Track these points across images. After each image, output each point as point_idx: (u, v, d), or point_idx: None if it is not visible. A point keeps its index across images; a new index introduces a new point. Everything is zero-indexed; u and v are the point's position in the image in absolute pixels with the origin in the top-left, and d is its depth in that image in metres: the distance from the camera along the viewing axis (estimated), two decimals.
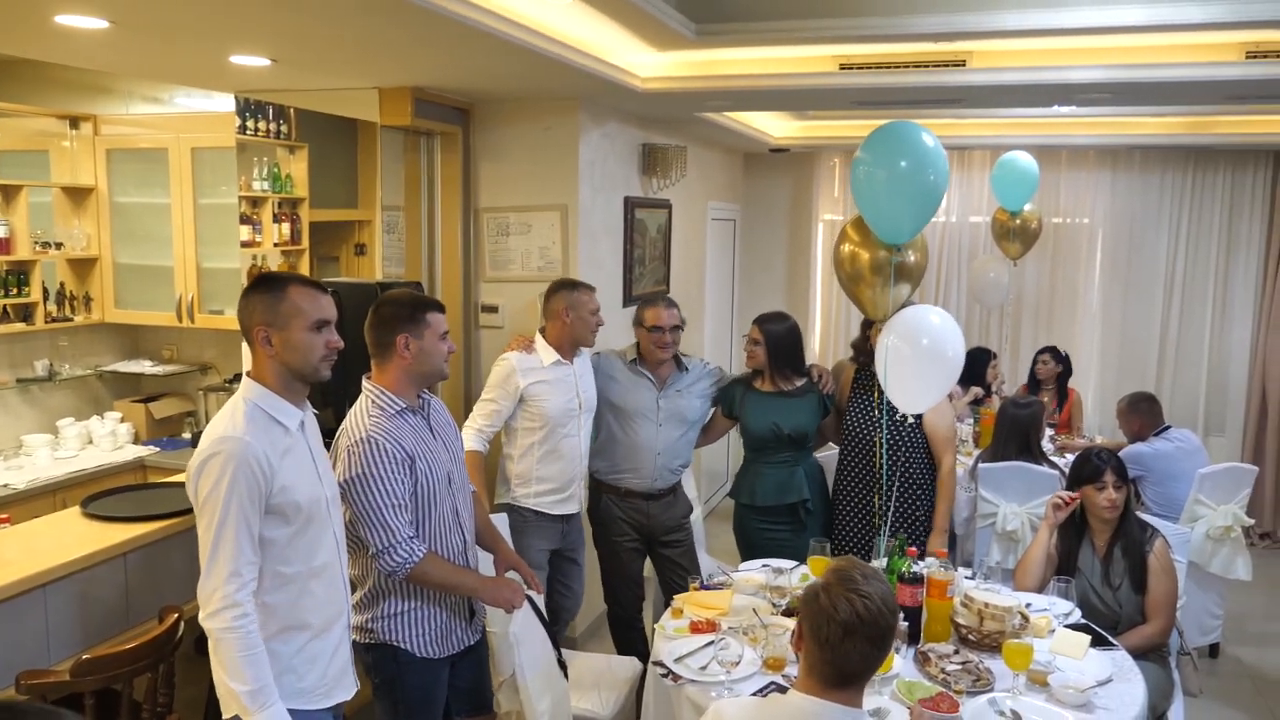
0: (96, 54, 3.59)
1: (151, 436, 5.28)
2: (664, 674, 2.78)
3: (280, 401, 2.26)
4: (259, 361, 2.28)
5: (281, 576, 2.24)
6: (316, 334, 2.26)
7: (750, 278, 7.74)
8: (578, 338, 3.77)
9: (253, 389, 2.26)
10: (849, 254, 3.44)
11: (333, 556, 2.37)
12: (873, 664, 2.02)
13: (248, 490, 2.13)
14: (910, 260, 3.37)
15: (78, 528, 3.03)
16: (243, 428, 2.17)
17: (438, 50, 3.42)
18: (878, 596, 1.99)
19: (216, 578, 2.12)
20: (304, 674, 2.27)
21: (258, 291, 2.28)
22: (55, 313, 5.07)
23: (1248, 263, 6.77)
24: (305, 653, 2.28)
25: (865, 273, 3.38)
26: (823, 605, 1.99)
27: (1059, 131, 6.30)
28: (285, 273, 2.38)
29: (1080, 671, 2.76)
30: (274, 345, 2.24)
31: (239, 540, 2.13)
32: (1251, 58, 3.74)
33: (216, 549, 2.12)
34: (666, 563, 4.03)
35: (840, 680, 2.01)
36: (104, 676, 2.41)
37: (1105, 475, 3.37)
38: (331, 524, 2.38)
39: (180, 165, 5.01)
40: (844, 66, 4.10)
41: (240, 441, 2.14)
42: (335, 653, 2.37)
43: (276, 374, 2.26)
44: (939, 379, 3.36)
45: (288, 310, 2.24)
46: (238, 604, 2.12)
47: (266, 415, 2.23)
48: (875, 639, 1.97)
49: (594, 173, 4.75)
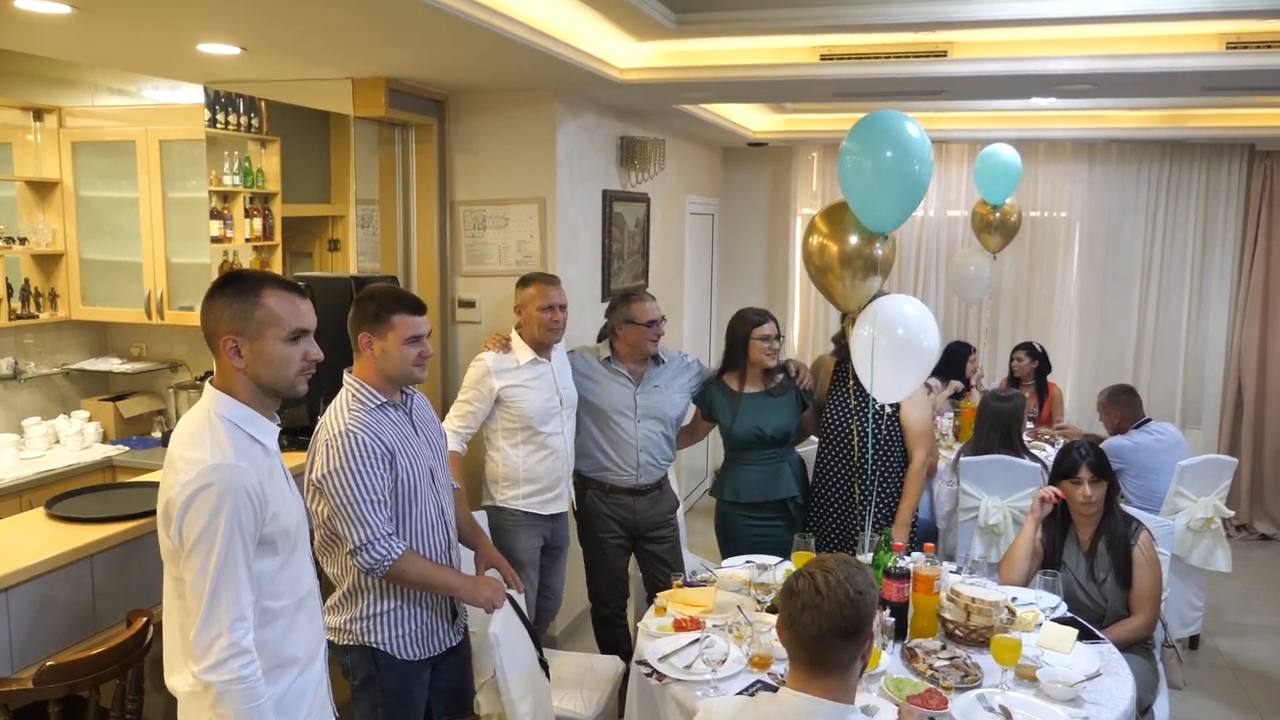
0: (59, 41, 3.48)
1: (120, 436, 5.16)
2: (648, 673, 2.72)
3: (256, 417, 2.02)
4: (225, 372, 2.02)
5: (270, 612, 2.03)
6: (294, 345, 2.03)
7: (729, 272, 7.70)
8: (536, 337, 3.65)
9: (224, 403, 2.00)
10: (818, 246, 3.41)
11: (313, 581, 2.21)
12: (835, 649, 1.96)
13: (245, 524, 1.92)
14: (879, 253, 3.34)
15: (41, 529, 2.93)
16: (232, 454, 1.93)
17: (412, 37, 3.34)
18: (842, 577, 1.97)
19: (218, 625, 1.89)
20: (293, 713, 2.09)
21: (226, 294, 2.01)
22: (20, 310, 4.94)
23: (1223, 255, 6.81)
24: (294, 689, 2.09)
25: (835, 265, 3.34)
26: (788, 585, 2.03)
27: (1037, 125, 6.31)
28: (258, 272, 2.11)
29: (1068, 666, 2.74)
30: (244, 357, 1.99)
31: (239, 581, 1.92)
32: (1231, 48, 3.74)
33: (217, 593, 1.89)
34: (651, 559, 3.98)
35: (813, 664, 1.98)
36: (69, 684, 2.32)
37: (1081, 471, 3.34)
38: (309, 546, 2.24)
39: (148, 158, 4.90)
40: (825, 57, 4.07)
41: (234, 470, 1.91)
42: (319, 684, 2.21)
43: (246, 387, 2.02)
44: (914, 369, 3.34)
45: (261, 318, 1.99)
46: (245, 651, 1.91)
47: (247, 436, 1.99)
48: (835, 616, 1.93)
49: (572, 165, 4.69)
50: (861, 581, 1.99)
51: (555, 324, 3.65)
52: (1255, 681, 4.65)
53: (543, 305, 3.62)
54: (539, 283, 3.68)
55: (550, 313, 3.63)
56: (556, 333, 3.67)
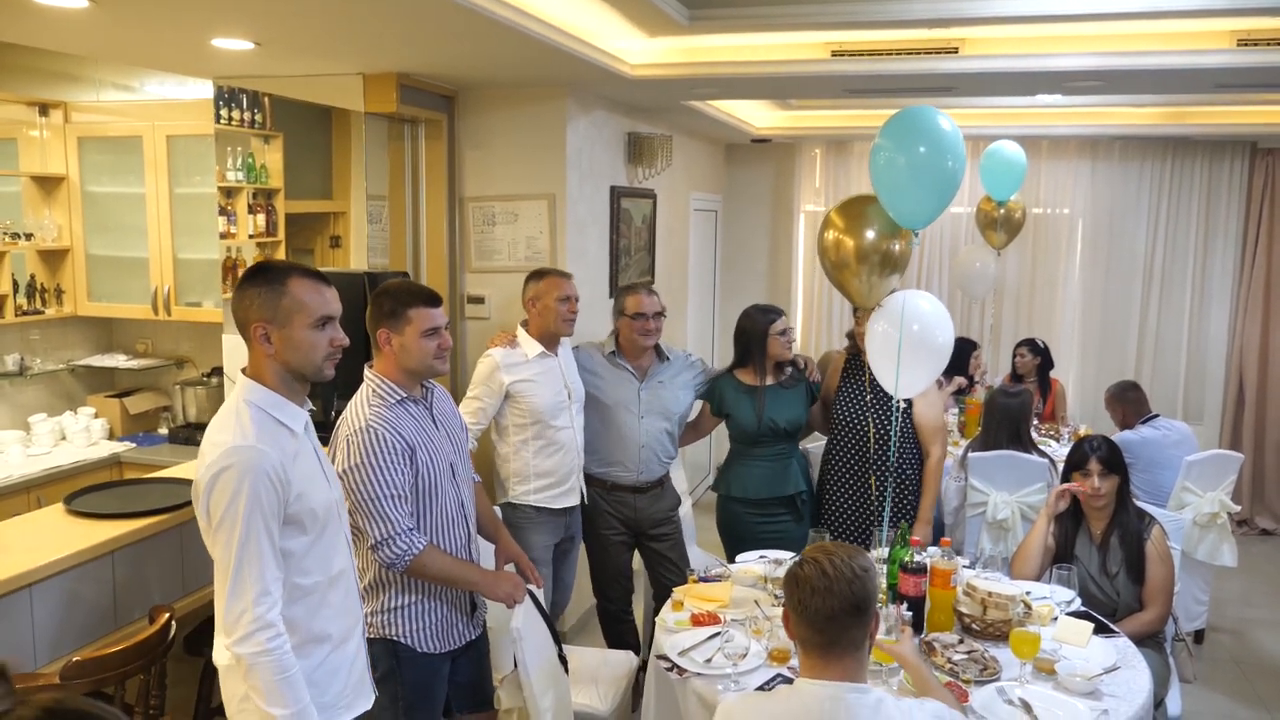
0: (74, 36, 3.47)
1: (127, 432, 5.15)
2: (668, 668, 2.73)
3: (283, 402, 2.11)
4: (257, 360, 2.11)
5: (300, 589, 2.11)
6: (320, 331, 2.11)
7: (732, 268, 7.70)
8: (550, 329, 3.69)
9: (253, 390, 2.09)
10: (834, 241, 3.38)
11: (347, 562, 2.26)
12: (848, 627, 1.98)
13: (267, 503, 1.99)
14: (897, 249, 3.34)
15: (62, 525, 2.93)
16: (253, 435, 2.01)
17: (428, 32, 3.34)
18: (845, 557, 2.01)
19: (244, 599, 1.98)
20: (326, 687, 2.15)
21: (255, 284, 2.09)
22: (26, 306, 4.92)
23: (1225, 252, 6.84)
24: (326, 665, 2.16)
25: (851, 260, 3.32)
26: (793, 572, 2.06)
27: (1040, 122, 6.33)
28: (285, 262, 2.20)
29: (1085, 659, 2.76)
30: (274, 343, 2.07)
31: (264, 557, 1.99)
32: (1243, 45, 3.75)
33: (240, 569, 1.98)
34: (655, 556, 3.99)
35: (828, 647, 2.00)
36: (94, 679, 2.33)
37: (1090, 464, 3.36)
38: (343, 527, 2.28)
39: (155, 153, 4.88)
40: (836, 53, 4.07)
41: (254, 451, 1.99)
42: (354, 662, 2.26)
43: (276, 373, 2.10)
44: (929, 365, 3.35)
45: (289, 305, 2.07)
46: (270, 624, 1.99)
47: (273, 420, 2.07)
48: (845, 595, 1.96)
49: (581, 161, 4.69)
50: (863, 560, 2.05)
51: (572, 315, 3.69)
52: (1260, 675, 4.68)
53: (560, 296, 3.65)
54: (553, 276, 3.71)
55: (567, 304, 3.67)
56: (571, 324, 3.71)
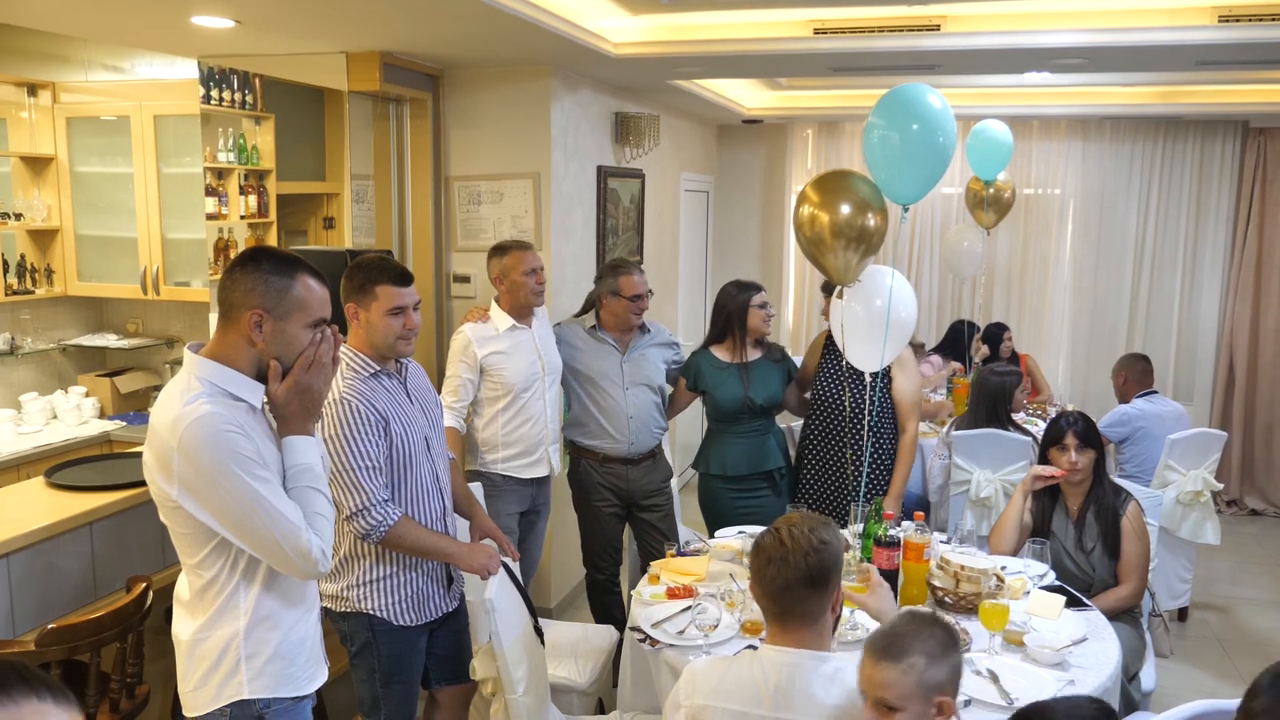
0: (54, 14, 3.48)
1: (117, 411, 5.19)
2: (641, 639, 2.76)
3: (241, 378, 1.97)
4: (234, 343, 1.97)
5: None
6: (310, 332, 2.04)
7: (724, 249, 7.71)
8: (521, 302, 3.70)
9: (206, 367, 1.95)
10: (809, 216, 3.34)
11: None
12: (802, 599, 2.00)
13: (241, 448, 1.89)
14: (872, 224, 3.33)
15: (41, 497, 2.96)
16: (206, 404, 1.90)
17: (405, 8, 3.34)
18: (807, 529, 2.02)
19: (288, 524, 1.91)
20: (293, 658, 2.09)
21: (262, 270, 1.97)
22: (16, 285, 4.95)
23: (1216, 232, 6.83)
24: (294, 635, 2.09)
25: (826, 236, 3.30)
26: (756, 542, 2.09)
27: (1030, 102, 6.31)
28: (293, 255, 2.10)
29: (1055, 632, 2.78)
30: (264, 333, 1.96)
31: (273, 485, 1.92)
32: (1224, 21, 3.74)
33: (257, 509, 1.89)
34: (646, 527, 4.02)
35: (783, 616, 2.04)
36: (70, 646, 2.36)
37: (1067, 438, 3.39)
38: None
39: (143, 134, 4.90)
40: (818, 31, 4.07)
41: (207, 413, 1.88)
42: (316, 632, 2.21)
43: (252, 362, 1.98)
44: (893, 340, 3.41)
45: (293, 301, 1.98)
46: (323, 552, 1.98)
47: (228, 395, 1.95)
48: (800, 567, 1.98)
49: (566, 140, 4.69)
50: (826, 533, 2.04)
51: (540, 286, 3.71)
52: (1242, 652, 4.71)
53: (525, 270, 3.67)
54: (515, 249, 3.71)
55: (534, 276, 3.68)
56: (540, 295, 3.73)
